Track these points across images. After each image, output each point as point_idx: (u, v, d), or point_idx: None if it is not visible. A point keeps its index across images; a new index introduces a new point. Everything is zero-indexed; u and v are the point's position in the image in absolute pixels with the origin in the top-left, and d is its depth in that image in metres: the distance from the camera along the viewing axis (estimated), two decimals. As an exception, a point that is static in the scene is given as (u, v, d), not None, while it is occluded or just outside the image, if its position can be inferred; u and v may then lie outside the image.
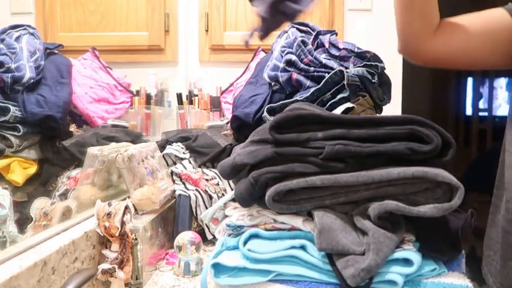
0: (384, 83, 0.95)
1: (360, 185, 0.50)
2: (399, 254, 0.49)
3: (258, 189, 0.53)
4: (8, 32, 0.86)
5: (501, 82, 4.02)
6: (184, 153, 1.03)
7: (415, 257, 0.48)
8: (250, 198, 0.55)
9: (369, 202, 0.50)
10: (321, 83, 0.86)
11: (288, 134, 0.52)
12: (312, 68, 0.90)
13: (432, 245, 0.51)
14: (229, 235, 0.60)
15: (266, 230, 0.56)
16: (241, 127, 0.95)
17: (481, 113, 3.98)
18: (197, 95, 1.30)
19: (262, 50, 1.28)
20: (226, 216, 0.65)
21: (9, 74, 0.79)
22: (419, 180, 0.48)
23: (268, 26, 0.64)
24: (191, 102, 1.30)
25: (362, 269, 0.46)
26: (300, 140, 0.51)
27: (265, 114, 0.89)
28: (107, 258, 0.67)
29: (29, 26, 0.91)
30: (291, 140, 0.51)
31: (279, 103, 0.89)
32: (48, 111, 0.82)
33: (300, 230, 0.55)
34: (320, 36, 0.96)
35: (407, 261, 0.49)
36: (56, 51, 0.97)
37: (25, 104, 0.79)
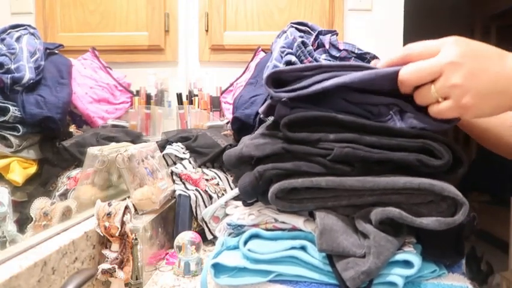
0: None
1: (365, 190, 0.50)
2: (399, 256, 0.49)
3: (262, 184, 0.53)
4: (8, 31, 0.86)
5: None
6: (184, 153, 1.03)
7: (415, 259, 0.48)
8: (253, 192, 0.54)
9: (371, 206, 0.50)
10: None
11: (299, 132, 0.51)
12: (312, 69, 0.90)
13: (434, 250, 0.51)
14: (230, 234, 0.60)
15: (267, 229, 0.56)
16: (242, 128, 0.95)
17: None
18: (197, 95, 1.30)
19: (262, 50, 1.28)
20: (227, 214, 0.65)
21: (9, 75, 0.79)
22: (424, 192, 0.48)
23: None
24: (191, 102, 1.30)
25: (362, 272, 0.46)
26: (311, 140, 0.51)
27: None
28: (107, 258, 0.67)
29: (29, 25, 0.91)
30: (301, 139, 0.51)
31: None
32: (48, 112, 0.82)
33: (300, 230, 0.55)
34: (320, 36, 0.96)
35: (407, 263, 0.49)
36: (56, 51, 0.97)
37: (24, 104, 0.79)
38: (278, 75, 0.53)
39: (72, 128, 0.94)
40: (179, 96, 1.31)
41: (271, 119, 0.61)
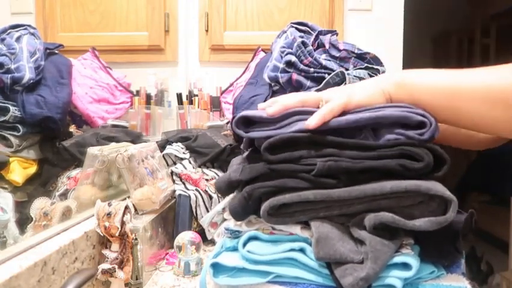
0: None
1: (353, 199, 0.50)
2: (397, 259, 0.49)
3: (252, 204, 0.53)
4: (8, 31, 0.86)
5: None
6: (184, 153, 1.03)
7: (413, 261, 0.48)
8: (243, 212, 0.55)
9: (365, 213, 0.51)
10: (322, 84, 0.86)
11: (281, 153, 0.52)
12: (312, 69, 0.90)
13: (432, 250, 0.51)
14: (228, 238, 0.60)
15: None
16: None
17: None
18: (197, 95, 1.30)
19: (262, 50, 1.29)
20: (225, 219, 0.65)
21: (9, 75, 0.79)
22: (413, 194, 0.48)
23: None
24: (191, 102, 1.30)
25: (360, 278, 0.46)
26: (293, 158, 0.52)
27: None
28: (107, 258, 0.67)
29: (29, 25, 0.91)
30: (284, 159, 0.52)
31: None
32: (48, 112, 0.82)
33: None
34: (321, 36, 0.96)
35: (405, 265, 0.49)
36: (56, 52, 0.97)
37: (24, 104, 0.79)
38: (247, 118, 0.56)
39: (72, 128, 0.95)
40: (179, 96, 1.31)
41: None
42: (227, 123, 1.21)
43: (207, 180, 0.97)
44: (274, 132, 0.54)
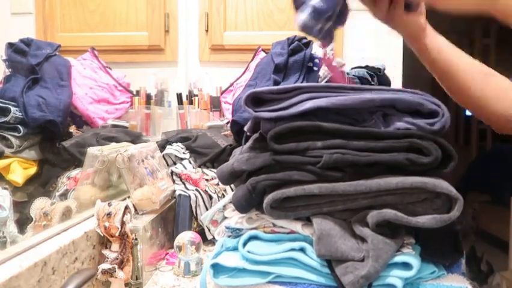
0: (384, 83, 0.96)
1: (358, 193, 0.50)
2: (398, 258, 0.49)
3: (256, 196, 0.53)
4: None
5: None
6: (184, 153, 1.03)
7: (414, 260, 0.48)
8: (247, 204, 0.55)
9: (368, 209, 0.50)
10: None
11: (287, 143, 0.52)
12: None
13: (433, 250, 0.51)
14: (229, 237, 0.60)
15: (265, 233, 0.56)
16: (241, 131, 0.95)
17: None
18: (197, 95, 1.30)
19: (263, 49, 1.28)
20: (225, 218, 0.65)
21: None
22: (418, 191, 0.48)
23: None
24: (191, 102, 1.30)
25: (361, 276, 0.46)
26: (299, 149, 0.51)
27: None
28: (107, 258, 0.67)
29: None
30: (289, 149, 0.52)
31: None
32: (50, 115, 0.82)
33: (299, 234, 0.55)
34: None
35: (406, 265, 0.49)
36: (55, 53, 0.96)
37: (26, 107, 0.79)
38: (257, 96, 0.54)
39: (72, 129, 0.95)
40: (179, 96, 1.31)
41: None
42: (227, 123, 1.21)
43: (207, 180, 0.97)
44: (283, 113, 0.52)
